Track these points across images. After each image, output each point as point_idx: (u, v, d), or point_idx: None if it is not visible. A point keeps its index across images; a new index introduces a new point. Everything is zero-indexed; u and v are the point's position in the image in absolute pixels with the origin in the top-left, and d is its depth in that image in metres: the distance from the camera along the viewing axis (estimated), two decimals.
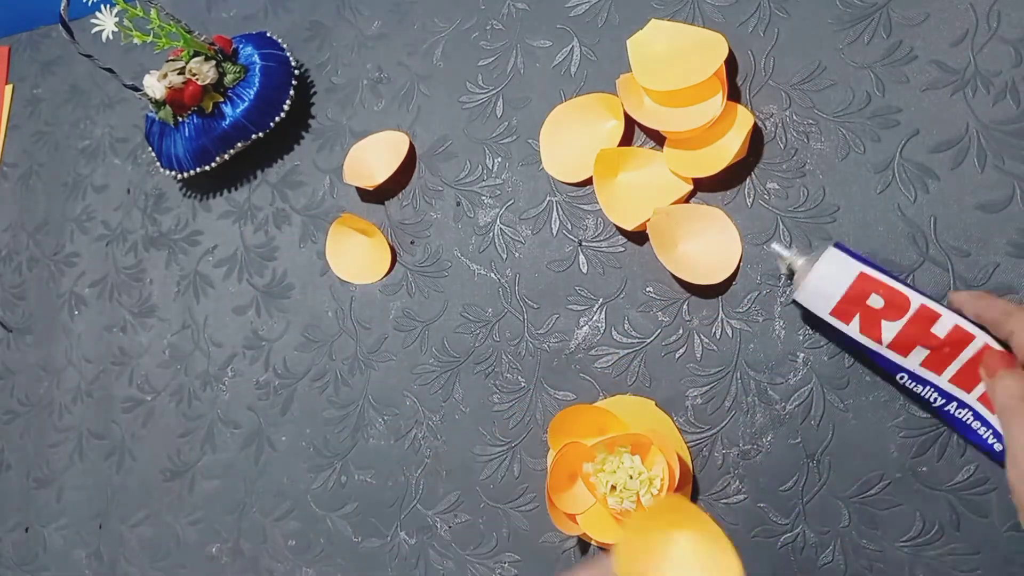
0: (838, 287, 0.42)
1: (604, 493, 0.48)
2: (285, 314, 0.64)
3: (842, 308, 0.42)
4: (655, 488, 0.47)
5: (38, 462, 0.72)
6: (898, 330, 0.41)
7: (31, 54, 0.86)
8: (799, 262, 0.45)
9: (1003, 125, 0.45)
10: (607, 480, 0.48)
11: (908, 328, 0.41)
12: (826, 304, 0.43)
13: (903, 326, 0.41)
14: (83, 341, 0.73)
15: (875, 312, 0.41)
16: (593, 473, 0.48)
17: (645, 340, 0.52)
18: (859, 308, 0.42)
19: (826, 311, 0.43)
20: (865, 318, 0.42)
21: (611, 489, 0.47)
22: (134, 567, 0.65)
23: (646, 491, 0.47)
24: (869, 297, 0.41)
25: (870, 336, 0.42)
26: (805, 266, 0.44)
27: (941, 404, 0.42)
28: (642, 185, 0.53)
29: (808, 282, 0.43)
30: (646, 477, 0.47)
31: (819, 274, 0.42)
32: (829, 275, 0.42)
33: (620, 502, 0.47)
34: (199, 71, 0.63)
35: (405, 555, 0.56)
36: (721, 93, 0.50)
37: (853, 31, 0.50)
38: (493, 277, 0.57)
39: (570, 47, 0.58)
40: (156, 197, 0.73)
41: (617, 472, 0.48)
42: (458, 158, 0.60)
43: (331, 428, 0.60)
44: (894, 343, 0.41)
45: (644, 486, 0.47)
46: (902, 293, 0.41)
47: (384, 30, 0.66)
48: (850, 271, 0.42)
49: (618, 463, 0.48)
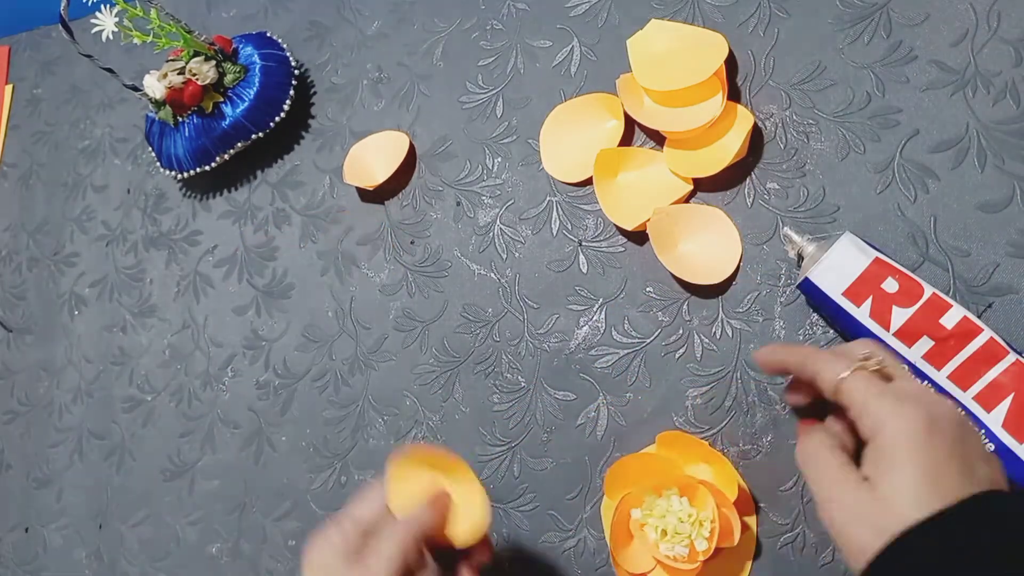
0: (855, 267, 0.42)
1: (656, 540, 0.45)
2: (285, 314, 0.64)
3: (856, 289, 0.42)
4: (706, 531, 0.44)
5: (38, 462, 0.72)
6: (907, 317, 0.41)
7: (31, 54, 0.86)
8: (810, 247, 0.45)
9: (1003, 125, 0.45)
10: (657, 526, 0.45)
11: (918, 316, 0.41)
12: (841, 283, 0.43)
13: (913, 313, 0.41)
14: (83, 341, 0.73)
15: (888, 296, 0.42)
16: (643, 520, 0.46)
17: (645, 340, 0.52)
18: (873, 290, 0.42)
19: (839, 291, 0.43)
20: (877, 301, 0.42)
21: (662, 535, 0.45)
22: (134, 567, 0.65)
23: (697, 534, 0.44)
24: (884, 280, 0.42)
25: (879, 321, 0.42)
26: (817, 251, 0.44)
27: None
28: (642, 185, 0.53)
29: (825, 259, 0.43)
30: (696, 519, 0.44)
31: (838, 251, 0.43)
32: (847, 254, 0.43)
33: (672, 548, 0.44)
34: (199, 71, 0.63)
35: None
36: (721, 93, 0.50)
37: (853, 31, 0.50)
38: (493, 277, 0.57)
39: (570, 47, 0.58)
40: (156, 197, 0.73)
41: (666, 517, 0.45)
42: (458, 158, 0.60)
43: (331, 428, 0.60)
44: (901, 331, 0.42)
45: (695, 528, 0.44)
46: (916, 280, 0.42)
47: (384, 30, 0.66)
48: (867, 253, 0.43)
49: (667, 507, 0.45)
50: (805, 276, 0.44)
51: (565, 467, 0.52)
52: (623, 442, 0.51)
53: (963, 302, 0.44)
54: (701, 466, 0.48)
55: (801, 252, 0.46)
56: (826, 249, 0.44)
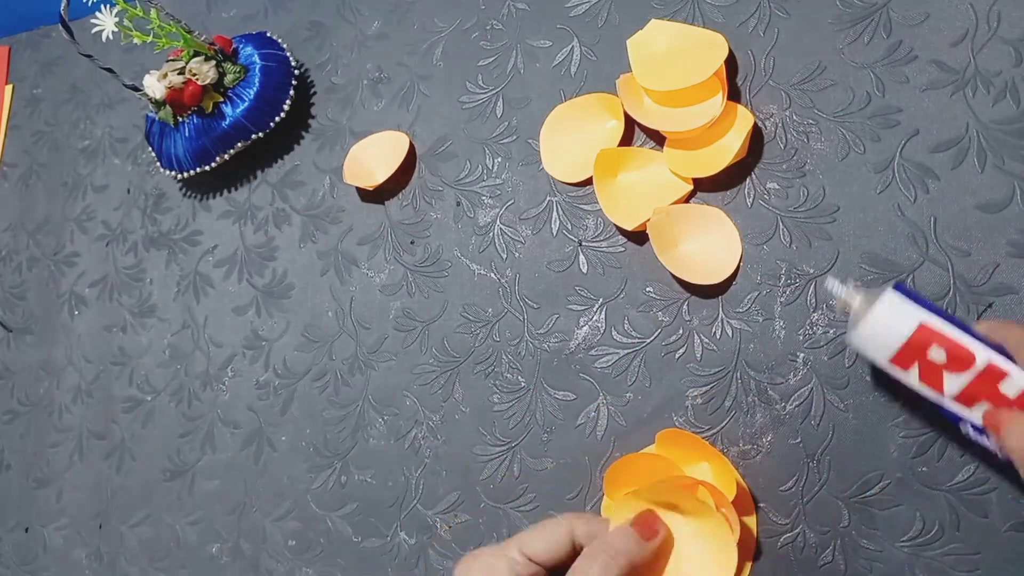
0: (897, 335, 0.38)
1: None
2: (285, 314, 0.64)
3: (900, 357, 0.39)
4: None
5: (38, 462, 0.72)
6: (962, 385, 0.38)
7: (31, 54, 0.86)
8: (856, 302, 0.41)
9: (1003, 125, 0.45)
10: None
11: (974, 385, 0.38)
12: (883, 353, 0.39)
13: (968, 383, 0.38)
14: (83, 341, 0.73)
15: (936, 366, 0.38)
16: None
17: (645, 340, 0.52)
18: (918, 358, 0.38)
19: (884, 359, 0.39)
20: (925, 369, 0.38)
21: None
22: (134, 567, 0.65)
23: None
24: (929, 349, 0.38)
25: (931, 386, 0.39)
26: (862, 308, 0.40)
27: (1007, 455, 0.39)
28: (642, 185, 0.53)
29: (863, 328, 0.39)
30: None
31: (876, 318, 0.39)
32: (886, 323, 0.39)
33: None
34: (199, 71, 0.63)
35: (405, 555, 0.56)
36: (721, 93, 0.50)
37: (853, 31, 0.50)
38: (493, 277, 0.57)
39: (570, 47, 0.58)
40: (156, 197, 0.73)
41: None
42: (458, 158, 0.60)
43: (331, 428, 0.60)
44: (958, 396, 0.38)
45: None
46: (966, 348, 0.37)
47: (384, 30, 0.66)
48: (909, 321, 0.38)
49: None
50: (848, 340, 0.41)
51: (565, 467, 0.52)
52: (623, 442, 0.51)
53: (963, 302, 0.44)
54: (701, 465, 0.48)
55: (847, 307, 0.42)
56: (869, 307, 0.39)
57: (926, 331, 0.38)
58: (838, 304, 0.43)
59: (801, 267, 0.48)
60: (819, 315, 0.47)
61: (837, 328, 0.46)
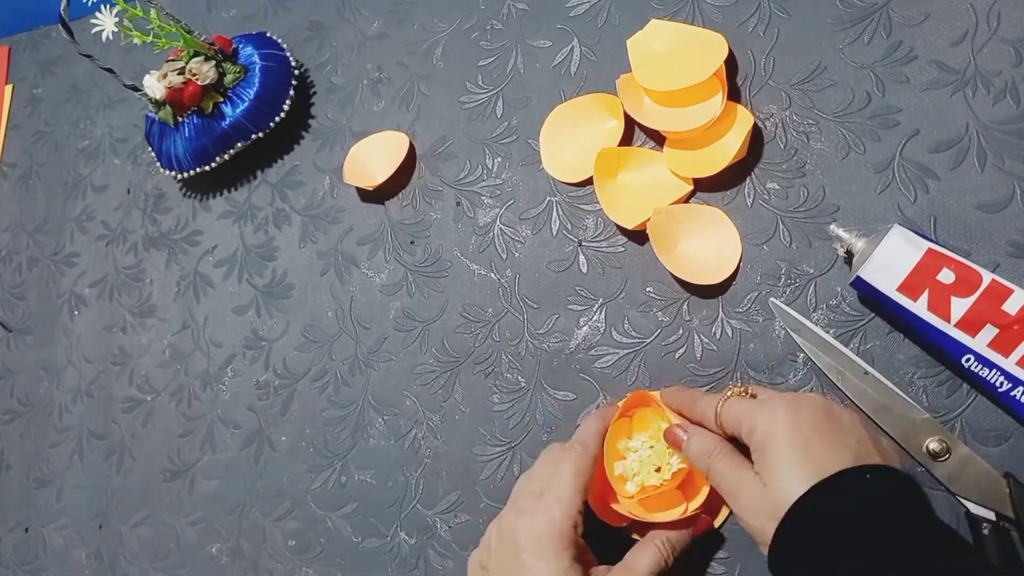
0: (907, 261, 0.41)
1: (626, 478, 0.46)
2: (285, 314, 0.64)
3: (911, 283, 0.41)
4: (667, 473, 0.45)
5: (38, 462, 0.72)
6: (968, 307, 0.40)
7: (31, 54, 0.86)
8: (859, 243, 0.44)
9: (1003, 125, 0.45)
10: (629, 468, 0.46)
11: (979, 304, 0.40)
12: (894, 279, 0.41)
13: (974, 302, 0.40)
14: (83, 341, 0.73)
15: (945, 288, 0.40)
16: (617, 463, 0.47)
17: (645, 340, 0.52)
18: (928, 283, 0.41)
19: (893, 287, 0.41)
20: (934, 294, 0.41)
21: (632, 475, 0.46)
22: (134, 567, 0.65)
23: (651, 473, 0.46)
24: (939, 272, 0.40)
25: (938, 314, 0.41)
26: (868, 246, 0.43)
27: (1007, 389, 0.40)
28: (642, 185, 0.53)
29: (875, 256, 0.42)
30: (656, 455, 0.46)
31: (888, 246, 0.41)
32: (898, 248, 0.41)
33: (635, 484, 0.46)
34: (199, 71, 0.63)
35: (405, 555, 0.56)
36: (721, 93, 0.50)
37: (853, 31, 0.50)
38: (493, 277, 0.57)
39: (570, 47, 0.58)
40: (156, 197, 0.73)
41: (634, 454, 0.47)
42: (458, 158, 0.60)
43: (331, 428, 0.60)
44: (962, 321, 0.40)
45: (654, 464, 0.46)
46: (973, 268, 0.40)
47: (384, 30, 0.66)
48: (918, 245, 0.41)
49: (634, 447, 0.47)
50: (856, 275, 0.43)
51: None
52: None
53: None
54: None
55: (850, 249, 0.45)
56: (876, 244, 0.42)
57: (935, 255, 0.41)
58: (841, 246, 0.45)
59: (801, 267, 0.48)
60: (819, 315, 0.47)
61: (837, 328, 0.46)
